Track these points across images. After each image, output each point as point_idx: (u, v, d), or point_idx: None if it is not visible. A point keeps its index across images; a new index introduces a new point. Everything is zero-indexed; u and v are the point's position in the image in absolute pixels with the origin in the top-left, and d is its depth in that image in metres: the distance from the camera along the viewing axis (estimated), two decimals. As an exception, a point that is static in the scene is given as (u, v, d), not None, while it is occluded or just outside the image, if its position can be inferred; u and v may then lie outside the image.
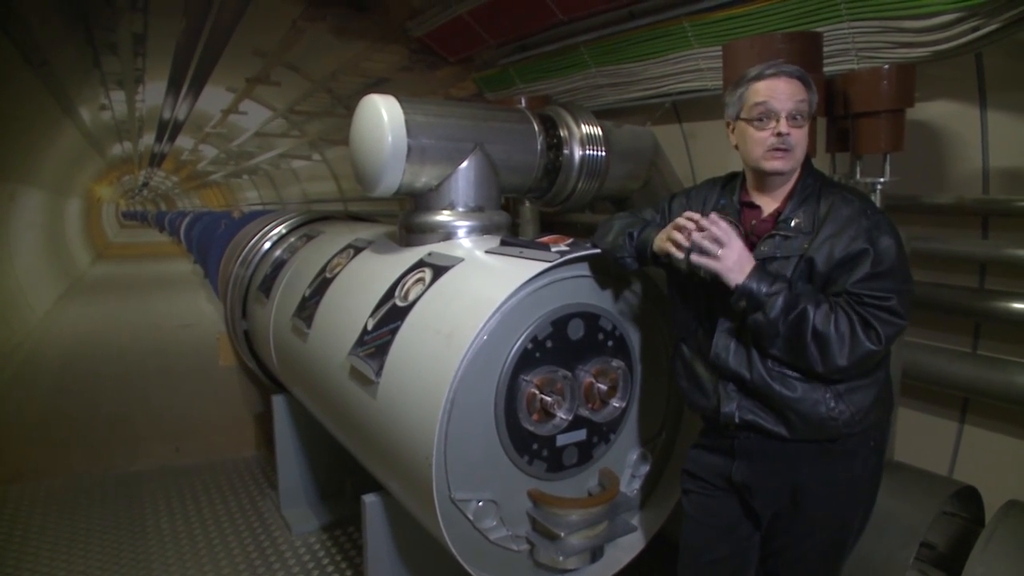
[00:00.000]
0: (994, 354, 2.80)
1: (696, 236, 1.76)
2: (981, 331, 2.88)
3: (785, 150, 1.78)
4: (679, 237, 1.81)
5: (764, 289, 1.70)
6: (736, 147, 1.91)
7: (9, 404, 5.68)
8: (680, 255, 1.82)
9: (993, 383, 2.69)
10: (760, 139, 1.79)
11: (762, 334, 1.76)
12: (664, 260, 1.95)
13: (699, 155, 4.00)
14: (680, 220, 1.83)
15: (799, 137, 1.79)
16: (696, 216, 1.79)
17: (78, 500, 4.22)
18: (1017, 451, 2.79)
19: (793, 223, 1.79)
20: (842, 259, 1.72)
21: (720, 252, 1.73)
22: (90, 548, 3.66)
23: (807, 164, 1.89)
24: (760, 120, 1.79)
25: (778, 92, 1.77)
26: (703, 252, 1.75)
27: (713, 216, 1.77)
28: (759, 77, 1.81)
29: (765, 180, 1.87)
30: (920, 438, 3.00)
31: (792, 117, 1.77)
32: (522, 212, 4.31)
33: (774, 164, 1.80)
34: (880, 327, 1.68)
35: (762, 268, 1.74)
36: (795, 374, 1.77)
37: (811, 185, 1.84)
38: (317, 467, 3.93)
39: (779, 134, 1.77)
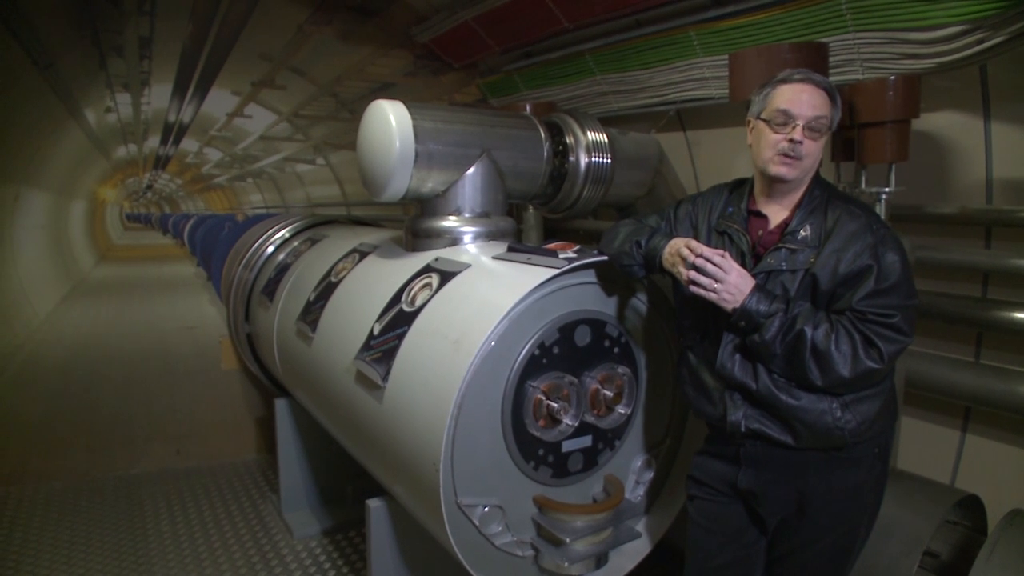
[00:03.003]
0: (996, 363, 2.81)
1: (693, 274, 1.78)
2: (984, 340, 2.89)
3: (794, 158, 1.78)
4: (681, 268, 1.83)
5: (762, 309, 1.72)
6: (750, 146, 1.90)
7: (10, 405, 5.66)
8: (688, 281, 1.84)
9: (995, 392, 2.70)
10: (773, 141, 1.79)
11: (760, 353, 1.78)
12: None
13: (703, 163, 4.02)
14: (683, 250, 1.83)
15: (812, 149, 1.78)
16: (696, 248, 1.81)
17: (79, 502, 4.22)
18: (1020, 460, 2.79)
19: (800, 235, 1.80)
20: (846, 275, 1.72)
21: (717, 285, 1.75)
22: (91, 550, 3.65)
23: (815, 175, 1.90)
24: (778, 123, 1.78)
25: (802, 99, 1.77)
26: (700, 285, 1.77)
27: (707, 253, 1.77)
28: (787, 80, 1.80)
29: (771, 186, 1.87)
30: (923, 447, 3.01)
31: (810, 128, 1.77)
32: (526, 218, 4.32)
33: (780, 170, 1.80)
34: (883, 345, 1.69)
35: (761, 288, 1.75)
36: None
37: (818, 196, 1.85)
38: (319, 471, 3.93)
39: (792, 140, 1.76)
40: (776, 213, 1.89)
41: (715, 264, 1.75)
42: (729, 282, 1.73)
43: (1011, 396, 2.65)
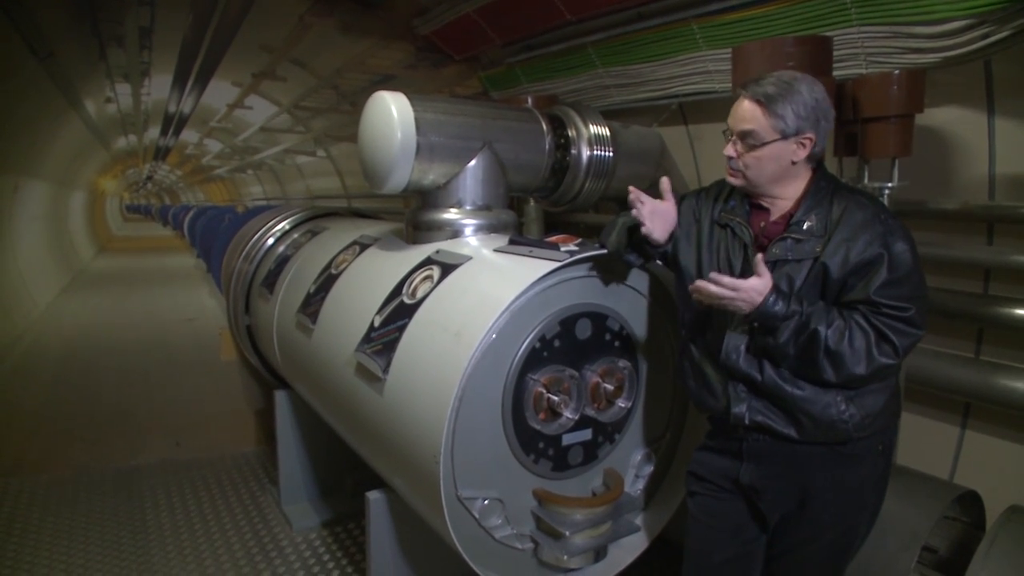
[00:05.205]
0: (997, 360, 2.81)
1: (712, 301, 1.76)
2: (984, 337, 2.88)
3: (734, 169, 1.84)
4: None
5: (779, 312, 1.69)
6: None
7: (10, 396, 5.68)
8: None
9: (995, 388, 2.69)
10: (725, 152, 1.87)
11: (773, 354, 1.76)
12: (669, 251, 1.99)
13: (704, 157, 4.01)
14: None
15: (749, 161, 1.80)
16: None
17: (78, 493, 4.21)
18: (1018, 456, 2.79)
19: (805, 226, 1.79)
20: (857, 264, 1.71)
21: (730, 297, 1.70)
22: (90, 542, 3.66)
23: (819, 167, 1.89)
24: (727, 137, 1.86)
25: (735, 112, 1.83)
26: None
27: (708, 283, 1.73)
28: (735, 94, 1.87)
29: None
30: (922, 442, 3.01)
31: (741, 139, 1.80)
32: (527, 211, 4.31)
33: (730, 180, 1.88)
34: (897, 339, 1.68)
35: (778, 289, 1.71)
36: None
37: (824, 188, 1.84)
38: (318, 463, 3.93)
39: (729, 156, 1.84)
40: (779, 206, 1.89)
41: (723, 288, 1.70)
42: (743, 293, 1.69)
43: (1011, 392, 2.64)
